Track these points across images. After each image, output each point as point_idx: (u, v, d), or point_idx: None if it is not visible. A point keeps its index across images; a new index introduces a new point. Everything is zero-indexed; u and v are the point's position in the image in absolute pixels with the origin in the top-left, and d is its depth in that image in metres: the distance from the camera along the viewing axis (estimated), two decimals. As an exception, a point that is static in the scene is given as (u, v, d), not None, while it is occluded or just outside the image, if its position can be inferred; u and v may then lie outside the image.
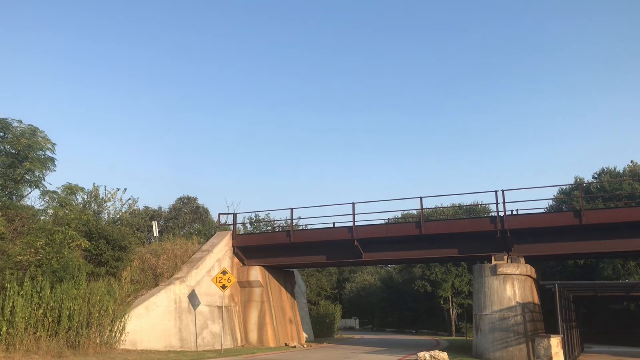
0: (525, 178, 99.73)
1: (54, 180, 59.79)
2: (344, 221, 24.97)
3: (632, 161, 41.53)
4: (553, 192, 41.86)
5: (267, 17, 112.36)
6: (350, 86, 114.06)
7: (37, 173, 19.30)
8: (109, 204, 31.10)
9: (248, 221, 41.01)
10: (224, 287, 22.23)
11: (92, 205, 29.79)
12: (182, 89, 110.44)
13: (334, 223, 25.71)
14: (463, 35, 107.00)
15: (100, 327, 17.82)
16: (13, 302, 15.38)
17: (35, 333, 15.88)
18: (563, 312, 21.05)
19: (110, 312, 18.11)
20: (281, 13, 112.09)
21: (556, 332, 18.52)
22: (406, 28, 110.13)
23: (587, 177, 43.58)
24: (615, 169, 42.01)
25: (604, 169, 42.51)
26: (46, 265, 17.33)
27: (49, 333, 16.23)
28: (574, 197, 37.19)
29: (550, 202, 40.11)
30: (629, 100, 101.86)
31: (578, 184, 36.48)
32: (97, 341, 17.58)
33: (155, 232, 29.21)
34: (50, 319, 16.30)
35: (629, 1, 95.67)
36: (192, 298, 22.97)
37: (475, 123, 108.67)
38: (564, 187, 40.13)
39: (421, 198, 23.19)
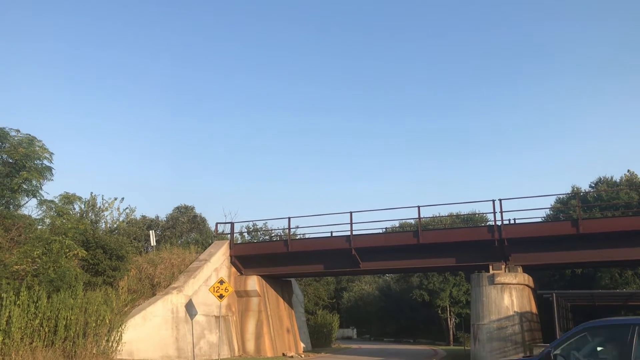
0: (523, 187, 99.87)
1: (51, 190, 59.82)
2: (342, 230, 25.06)
3: (629, 170, 41.67)
4: (550, 201, 41.94)
5: (267, 25, 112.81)
6: (348, 93, 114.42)
7: (34, 182, 19.28)
8: (106, 213, 31.06)
9: (245, 230, 40.98)
10: (221, 296, 22.17)
11: (90, 214, 29.74)
12: (179, 97, 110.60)
13: (331, 232, 25.73)
14: (461, 43, 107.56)
15: (97, 337, 17.74)
16: (9, 312, 15.31)
17: (31, 343, 15.80)
18: (561, 322, 21.06)
19: (107, 321, 18.03)
20: (280, 20, 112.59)
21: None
22: (404, 35, 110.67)
23: (584, 187, 43.70)
24: (612, 178, 42.10)
25: (601, 178, 42.60)
26: (43, 274, 17.28)
27: (45, 343, 16.15)
28: (571, 206, 37.22)
29: (548, 211, 40.13)
30: (626, 110, 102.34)
31: (575, 193, 36.59)
32: (94, 351, 17.50)
33: (153, 242, 29.14)
34: (46, 329, 16.23)
35: (630, 7, 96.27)
36: (190, 308, 22.90)
37: (473, 131, 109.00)
38: (561, 196, 40.18)
39: (419, 207, 23.24)
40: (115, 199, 31.54)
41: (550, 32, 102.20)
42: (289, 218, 25.90)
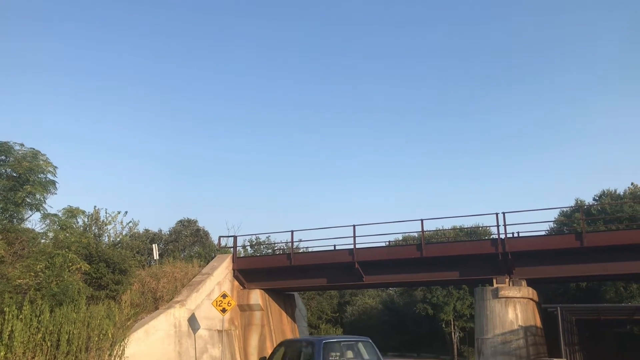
0: (526, 200, 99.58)
1: (54, 203, 59.85)
2: (345, 244, 24.90)
3: (632, 183, 41.56)
4: (554, 214, 41.78)
5: (267, 43, 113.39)
6: (351, 107, 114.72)
7: (38, 196, 19.30)
8: (109, 226, 31.03)
9: (248, 244, 40.91)
10: (224, 310, 22.10)
11: (93, 228, 29.73)
12: (182, 110, 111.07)
13: (334, 245, 25.65)
14: (464, 53, 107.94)
15: (100, 351, 17.66)
16: (12, 326, 15.27)
17: (33, 358, 15.74)
18: (566, 336, 20.94)
19: (110, 336, 17.96)
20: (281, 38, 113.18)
21: (559, 356, 18.42)
22: (406, 51, 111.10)
23: (588, 200, 43.55)
24: (615, 191, 42.02)
25: (604, 191, 42.51)
26: (46, 288, 17.25)
27: (47, 358, 16.09)
28: (575, 219, 37.15)
29: (552, 224, 40.02)
30: (630, 122, 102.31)
31: (579, 206, 36.46)
32: (96, 366, 17.43)
33: (156, 255, 29.11)
34: (49, 344, 16.16)
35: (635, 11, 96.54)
36: (192, 322, 22.82)
37: (476, 144, 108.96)
38: (564, 209, 40.06)
39: (422, 220, 23.22)
40: (119, 212, 31.49)
41: (550, 46, 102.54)
42: (292, 231, 25.87)
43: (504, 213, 21.81)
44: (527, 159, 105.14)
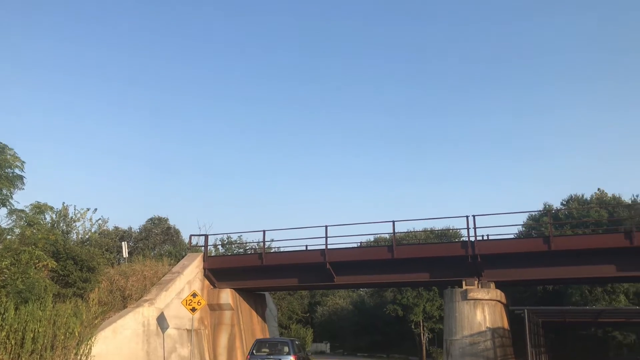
0: (497, 204, 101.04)
1: (22, 199, 58.66)
2: (317, 244, 24.93)
3: (599, 189, 42.43)
4: (523, 217, 42.52)
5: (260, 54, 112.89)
6: (326, 106, 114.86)
7: (4, 191, 18.93)
8: (78, 223, 30.53)
9: (220, 243, 40.61)
10: (193, 310, 21.93)
11: (61, 225, 29.21)
12: (155, 109, 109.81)
13: (306, 246, 25.64)
14: (444, 63, 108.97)
15: (66, 350, 17.38)
16: (-25, 324, 14.96)
17: (-4, 356, 15.44)
18: (532, 338, 21.29)
19: (77, 334, 17.69)
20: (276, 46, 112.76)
21: (525, 358, 18.70)
22: (382, 52, 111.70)
23: (556, 204, 44.35)
24: (583, 196, 42.83)
25: (572, 196, 43.30)
26: (11, 285, 16.92)
27: (11, 356, 15.79)
28: (543, 223, 37.74)
29: (520, 227, 40.59)
30: (597, 129, 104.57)
31: (547, 211, 37.07)
32: (62, 365, 17.13)
33: (125, 253, 28.74)
34: (13, 342, 15.85)
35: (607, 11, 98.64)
36: (161, 321, 22.59)
37: (447, 146, 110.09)
38: (533, 213, 40.70)
39: (393, 222, 23.35)
40: (88, 209, 31.03)
41: (529, 55, 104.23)
42: (264, 231, 25.76)
43: (474, 216, 22.09)
44: (499, 164, 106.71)
